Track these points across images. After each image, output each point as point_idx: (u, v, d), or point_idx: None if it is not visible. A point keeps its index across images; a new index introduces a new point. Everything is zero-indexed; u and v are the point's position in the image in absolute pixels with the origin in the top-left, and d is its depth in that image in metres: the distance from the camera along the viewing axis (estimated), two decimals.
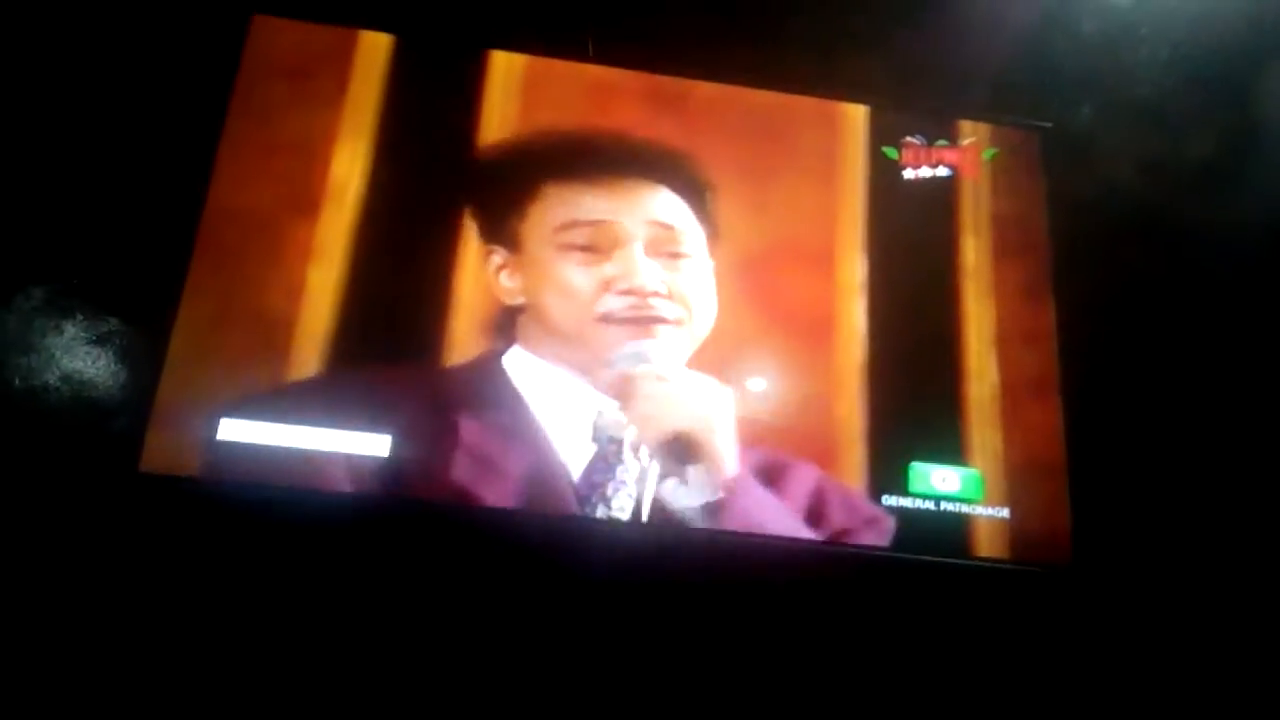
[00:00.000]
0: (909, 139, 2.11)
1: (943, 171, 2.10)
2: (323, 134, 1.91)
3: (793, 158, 2.05)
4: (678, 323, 1.83)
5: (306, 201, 1.87)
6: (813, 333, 1.95)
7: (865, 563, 1.85)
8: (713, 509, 1.74)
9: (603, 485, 1.77)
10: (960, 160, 2.11)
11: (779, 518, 1.80)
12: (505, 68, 2.01)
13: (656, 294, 1.82)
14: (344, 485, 1.72)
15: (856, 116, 2.11)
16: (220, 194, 1.86)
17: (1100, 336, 2.08)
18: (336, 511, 1.75)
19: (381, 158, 1.91)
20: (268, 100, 1.92)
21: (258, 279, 1.82)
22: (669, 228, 1.88)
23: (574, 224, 1.84)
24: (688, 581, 1.82)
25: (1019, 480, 1.91)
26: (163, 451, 1.71)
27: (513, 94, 1.99)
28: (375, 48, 1.98)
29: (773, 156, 2.05)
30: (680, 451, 1.73)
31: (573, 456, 1.78)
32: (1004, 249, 2.07)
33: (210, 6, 1.98)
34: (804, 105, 2.10)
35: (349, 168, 1.90)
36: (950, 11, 2.26)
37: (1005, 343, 1.99)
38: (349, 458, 1.73)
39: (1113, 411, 2.04)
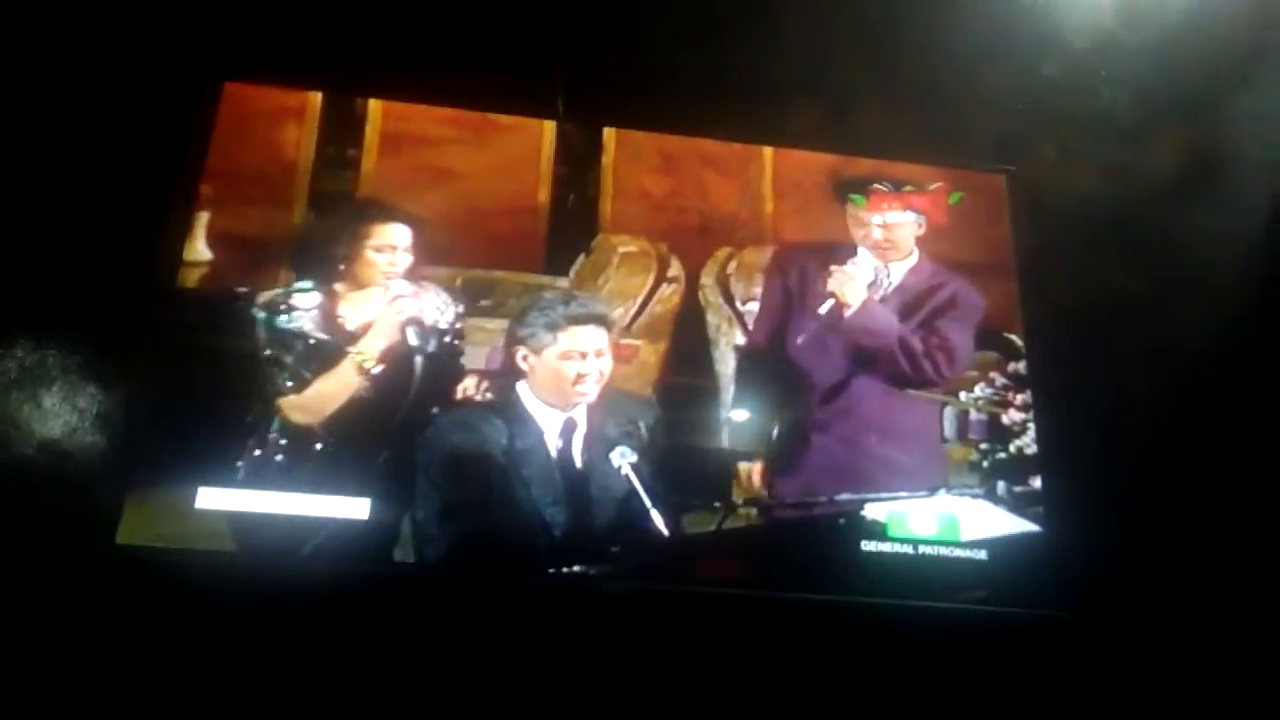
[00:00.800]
0: (876, 186, 2.14)
1: (910, 216, 2.14)
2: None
3: None
4: None
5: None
6: None
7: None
8: None
9: None
10: (927, 205, 2.15)
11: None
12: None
13: None
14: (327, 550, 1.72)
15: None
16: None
17: (1070, 366, 2.10)
18: (318, 580, 1.74)
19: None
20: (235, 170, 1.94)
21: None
22: None
23: None
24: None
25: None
26: (140, 523, 1.70)
27: None
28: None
29: None
30: None
31: None
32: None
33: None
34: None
35: None
36: (918, 57, 2.30)
37: None
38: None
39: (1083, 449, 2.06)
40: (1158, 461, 2.08)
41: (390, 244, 1.91)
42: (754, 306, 2.04)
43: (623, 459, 1.82)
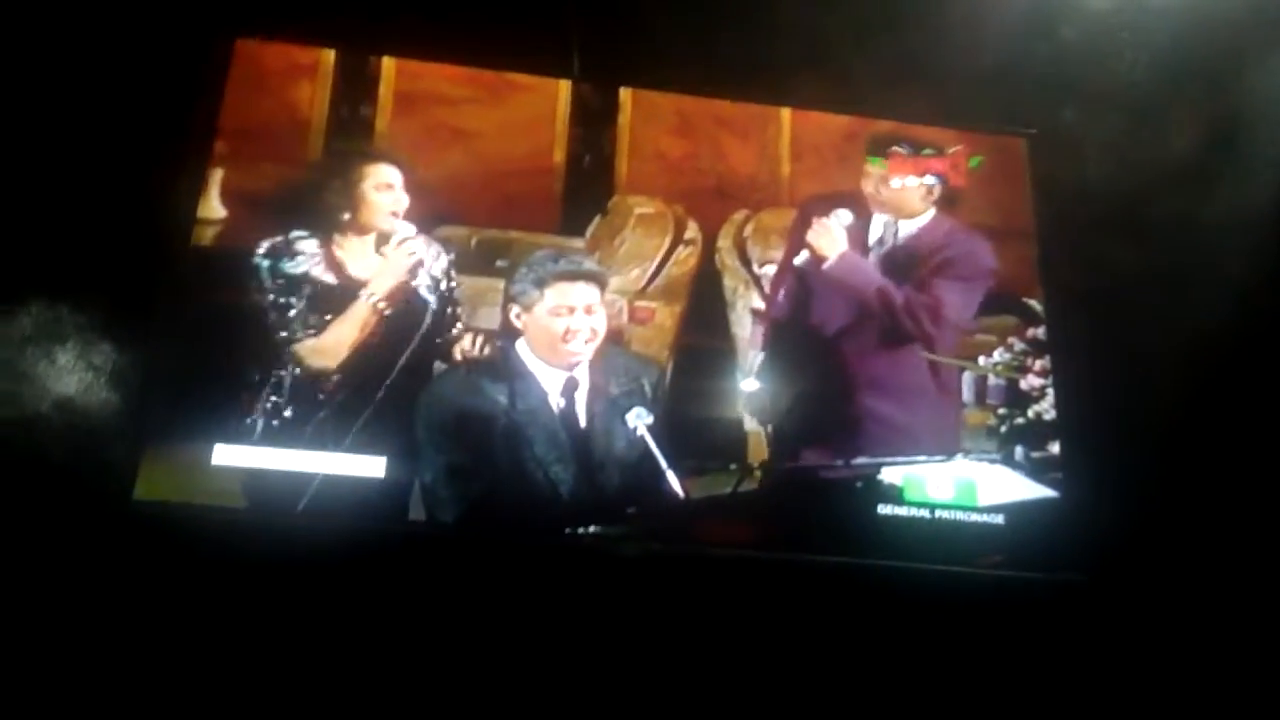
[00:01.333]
0: (895, 149, 2.12)
1: (929, 180, 2.11)
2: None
3: None
4: None
5: None
6: None
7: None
8: None
9: None
10: (947, 168, 2.12)
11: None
12: None
13: None
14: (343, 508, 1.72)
15: None
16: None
17: (1090, 333, 2.08)
18: (332, 537, 1.74)
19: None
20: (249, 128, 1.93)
21: None
22: None
23: None
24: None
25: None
26: (157, 479, 1.69)
27: None
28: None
29: None
30: None
31: None
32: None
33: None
34: None
35: None
36: (934, 19, 2.26)
37: None
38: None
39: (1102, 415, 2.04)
40: (1175, 428, 2.06)
41: (387, 182, 1.90)
42: (770, 269, 2.02)
43: (639, 420, 1.81)
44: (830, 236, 2.01)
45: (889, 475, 1.88)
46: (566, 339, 1.82)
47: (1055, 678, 1.88)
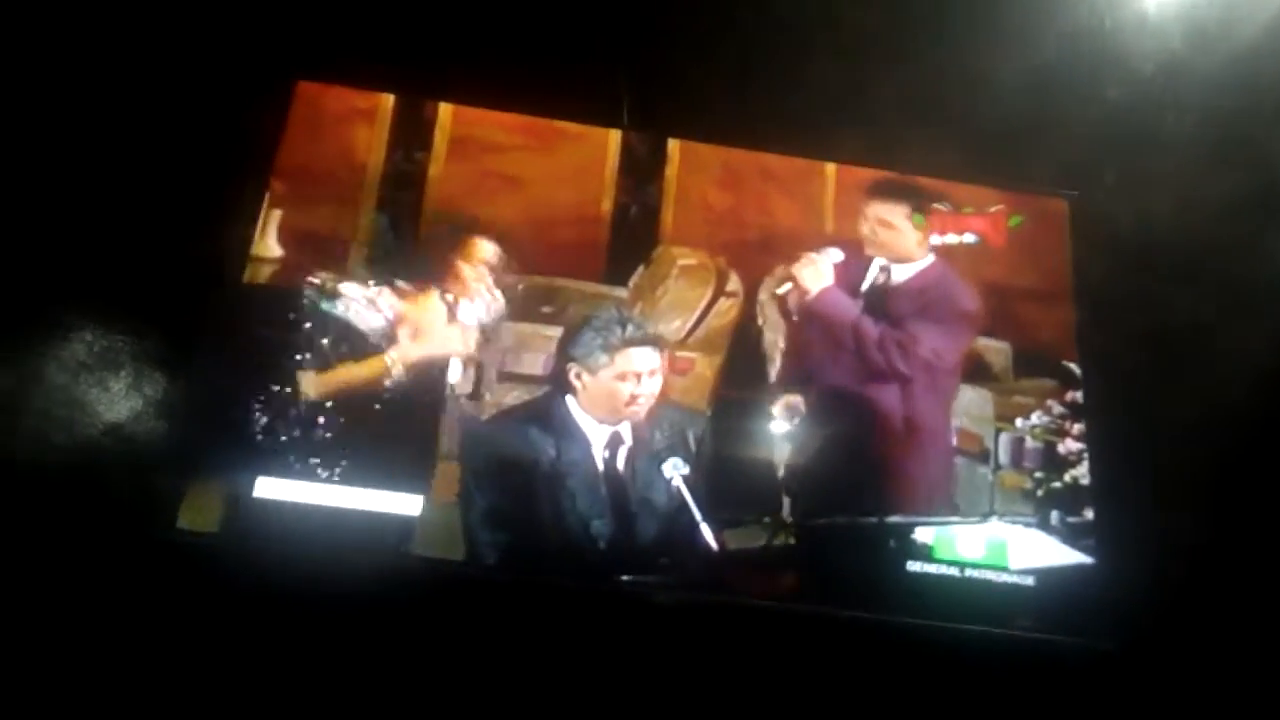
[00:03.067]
0: (936, 206, 2.13)
1: (969, 238, 2.13)
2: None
3: None
4: None
5: None
6: None
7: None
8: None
9: None
10: (987, 227, 2.14)
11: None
12: None
13: None
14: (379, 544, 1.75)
15: None
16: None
17: (1127, 398, 2.07)
18: (369, 572, 1.77)
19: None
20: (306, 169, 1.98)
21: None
22: None
23: None
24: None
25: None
26: (200, 508, 1.73)
27: None
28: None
29: None
30: None
31: None
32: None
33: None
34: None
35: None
36: (977, 75, 2.28)
37: None
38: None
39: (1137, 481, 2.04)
40: (1212, 496, 2.05)
41: (484, 259, 1.95)
42: None
43: (675, 471, 1.83)
44: (815, 270, 2.03)
45: (920, 534, 1.89)
46: (630, 403, 1.85)
47: None
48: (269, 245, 1.92)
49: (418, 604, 1.79)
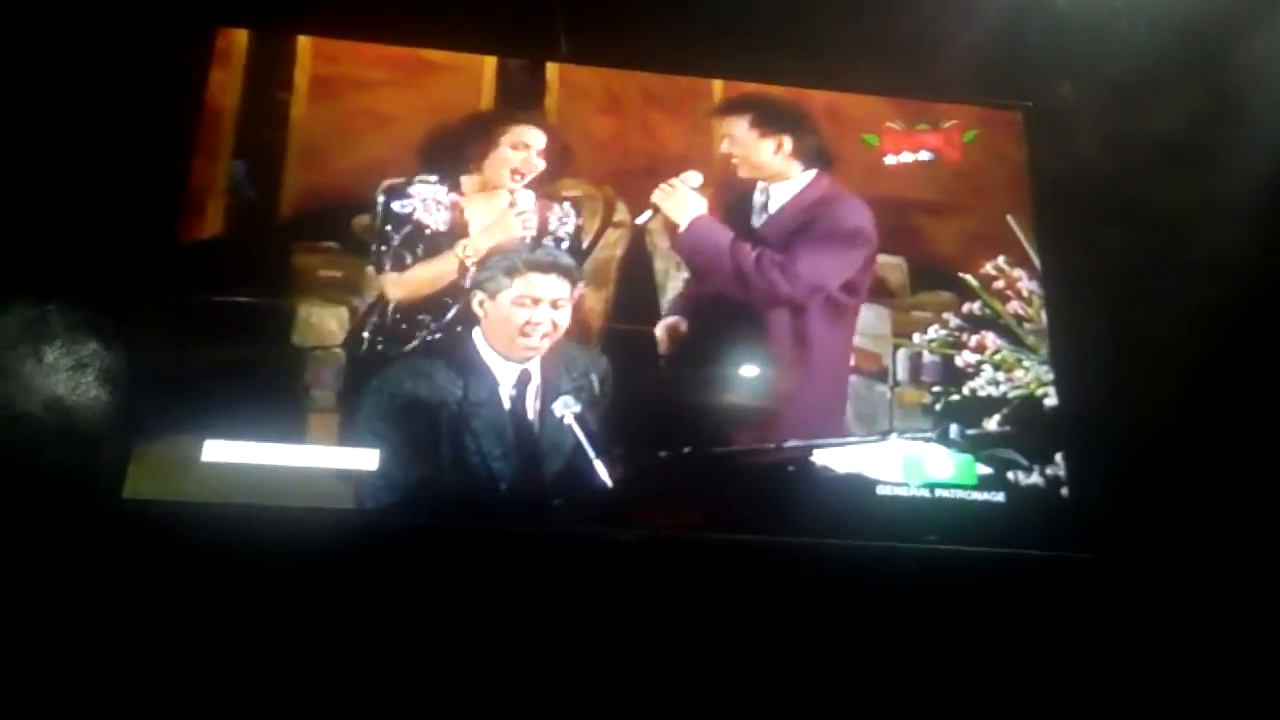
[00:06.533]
0: (889, 124, 2.06)
1: (924, 155, 2.06)
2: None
3: None
4: None
5: None
6: None
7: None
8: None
9: None
10: (941, 144, 2.07)
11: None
12: None
13: None
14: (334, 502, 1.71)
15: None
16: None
17: (1083, 308, 2.05)
18: (326, 529, 1.73)
19: None
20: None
21: None
22: None
23: None
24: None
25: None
26: (147, 477, 1.68)
27: None
28: None
29: None
30: None
31: None
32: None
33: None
34: None
35: None
36: None
37: None
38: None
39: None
40: (1177, 403, 2.03)
41: (524, 141, 1.92)
42: None
43: (565, 409, 1.80)
44: (678, 199, 1.95)
45: (820, 457, 1.88)
46: (525, 332, 1.80)
47: (1057, 656, 1.86)
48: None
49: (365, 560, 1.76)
